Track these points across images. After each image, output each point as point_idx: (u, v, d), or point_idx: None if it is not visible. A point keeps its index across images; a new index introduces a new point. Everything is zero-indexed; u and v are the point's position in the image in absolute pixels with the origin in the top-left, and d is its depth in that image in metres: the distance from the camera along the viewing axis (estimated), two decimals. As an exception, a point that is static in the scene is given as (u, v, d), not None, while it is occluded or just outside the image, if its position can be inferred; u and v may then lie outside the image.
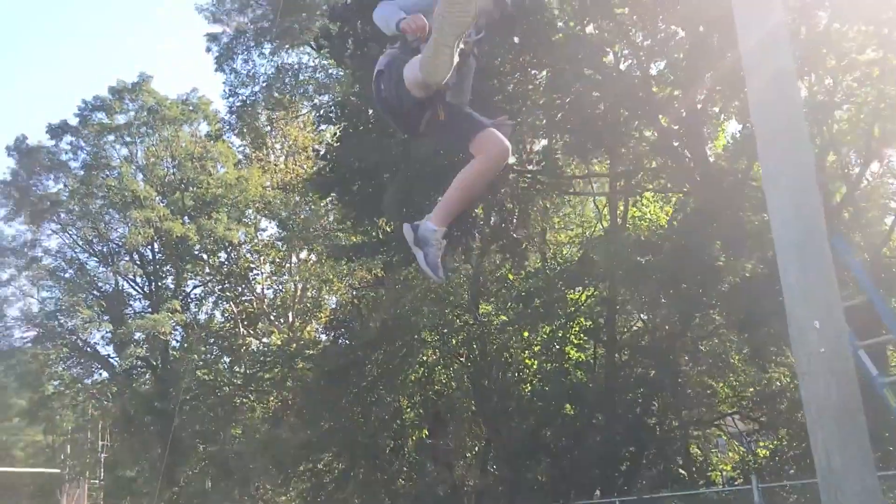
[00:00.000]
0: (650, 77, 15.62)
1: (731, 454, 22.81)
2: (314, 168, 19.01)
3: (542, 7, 12.45)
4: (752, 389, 19.21)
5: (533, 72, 14.01)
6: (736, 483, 17.11)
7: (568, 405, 17.78)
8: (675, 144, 14.71)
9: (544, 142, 15.05)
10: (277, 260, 37.78)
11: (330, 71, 24.29)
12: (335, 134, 15.87)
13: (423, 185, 13.60)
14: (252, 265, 38.44)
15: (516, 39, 13.23)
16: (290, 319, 37.64)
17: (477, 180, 4.09)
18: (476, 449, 24.18)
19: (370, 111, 13.40)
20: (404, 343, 21.07)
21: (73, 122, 36.56)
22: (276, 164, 35.49)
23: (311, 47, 23.50)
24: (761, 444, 20.51)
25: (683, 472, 19.09)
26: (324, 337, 32.43)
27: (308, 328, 36.43)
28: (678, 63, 14.92)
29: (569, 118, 13.45)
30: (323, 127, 21.60)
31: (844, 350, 5.69)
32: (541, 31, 12.98)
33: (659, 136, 14.58)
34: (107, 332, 36.47)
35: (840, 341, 5.66)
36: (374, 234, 16.43)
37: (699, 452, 21.30)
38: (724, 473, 21.25)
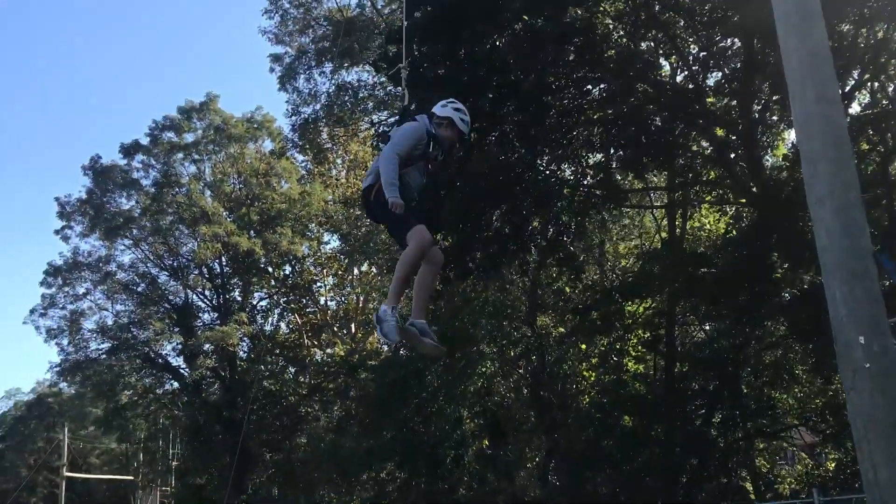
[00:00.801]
0: (705, 88, 15.63)
1: (798, 467, 22.43)
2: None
3: (594, 26, 12.64)
4: (817, 401, 18.90)
5: (587, 87, 14.18)
6: (800, 496, 16.87)
7: (626, 417, 17.80)
8: (732, 156, 14.69)
9: (599, 156, 15.19)
10: (340, 272, 38.53)
11: (388, 88, 24.80)
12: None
13: (478, 202, 13.91)
14: (315, 277, 39.35)
15: (571, 57, 13.45)
16: (353, 330, 38.37)
17: (408, 265, 5.51)
18: (536, 459, 24.31)
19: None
20: (463, 355, 21.36)
21: (145, 141, 38.13)
22: (337, 179, 36.26)
23: (370, 65, 24.13)
24: (832, 455, 20.13)
25: (746, 484, 18.91)
26: (385, 348, 33.04)
27: (371, 339, 37.08)
28: (734, 74, 14.93)
29: (624, 132, 13.57)
30: (381, 145, 22.02)
31: (890, 366, 5.76)
32: (595, 46, 13.17)
33: (714, 148, 14.58)
34: (177, 344, 37.77)
35: (886, 357, 5.73)
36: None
37: (765, 464, 21.03)
38: (791, 486, 20.93)
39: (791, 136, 16.36)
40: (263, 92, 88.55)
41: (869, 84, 15.32)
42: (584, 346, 19.15)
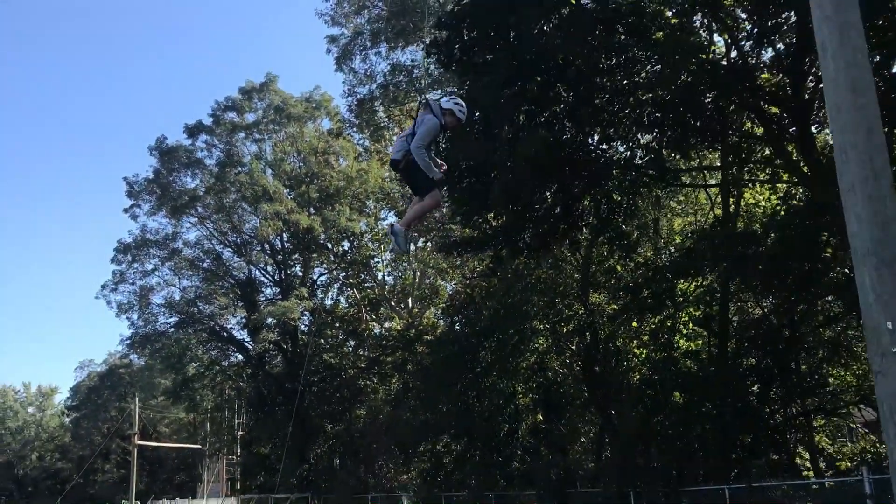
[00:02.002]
0: (758, 65, 15.47)
1: (861, 443, 22.21)
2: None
3: (643, 7, 12.66)
4: (875, 378, 18.63)
5: (636, 68, 14.21)
6: (853, 474, 16.83)
7: (677, 393, 17.95)
8: (784, 135, 14.58)
9: (649, 136, 15.24)
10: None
11: (441, 71, 25.04)
12: (444, 136, 16.48)
13: (527, 182, 14.15)
14: (373, 253, 40.08)
15: (623, 38, 13.50)
16: (410, 305, 39.03)
17: (424, 212, 8.05)
18: (591, 434, 24.59)
19: (476, 113, 14.08)
20: (516, 331, 21.70)
21: (208, 121, 39.21)
22: (393, 156, 36.69)
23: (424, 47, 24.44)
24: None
25: (799, 461, 18.89)
26: (441, 322, 33.57)
27: (427, 313, 37.68)
28: (788, 50, 14.75)
29: (674, 113, 13.61)
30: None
31: (917, 351, 5.92)
32: (644, 28, 13.20)
33: (765, 127, 14.49)
34: (241, 318, 39.05)
35: (913, 342, 5.89)
36: (483, 227, 17.09)
37: (827, 441, 20.93)
38: (848, 464, 20.80)
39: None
40: (322, 71, 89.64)
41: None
42: (635, 324, 19.30)
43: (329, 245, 40.53)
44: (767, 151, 15.49)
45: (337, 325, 40.32)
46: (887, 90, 14.20)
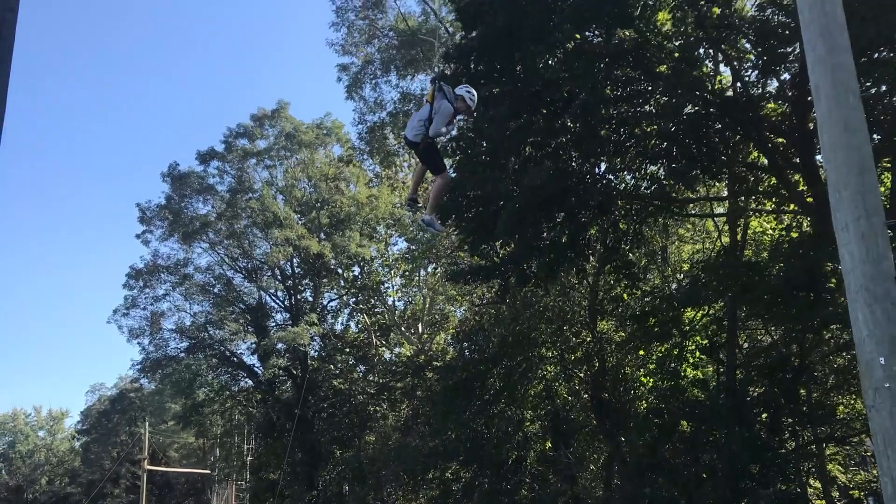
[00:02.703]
0: (765, 95, 15.63)
1: (865, 474, 22.08)
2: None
3: (646, 43, 12.87)
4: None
5: (641, 100, 14.40)
6: (861, 505, 16.75)
7: (684, 422, 17.95)
8: (788, 165, 14.72)
9: (655, 167, 15.39)
10: (407, 273, 39.32)
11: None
12: (452, 165, 16.78)
13: (534, 212, 14.33)
14: (383, 279, 40.25)
15: (628, 71, 13.73)
16: (420, 330, 39.14)
17: (443, 191, 9.26)
18: (600, 462, 24.52)
19: (483, 144, 14.30)
20: (525, 358, 21.75)
21: (220, 148, 39.64)
22: (403, 182, 37.02)
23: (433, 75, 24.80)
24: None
25: (811, 491, 18.81)
26: (451, 348, 33.61)
27: (437, 338, 37.76)
28: (793, 80, 14.93)
29: (678, 144, 13.78)
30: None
31: (909, 388, 6.03)
32: (647, 63, 13.42)
33: (769, 157, 14.64)
34: (251, 344, 39.22)
35: (905, 379, 6.00)
36: (491, 256, 17.26)
37: (838, 469, 20.82)
38: (860, 494, 20.65)
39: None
40: (333, 98, 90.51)
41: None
42: (642, 352, 19.35)
43: (339, 270, 40.76)
44: (773, 181, 15.61)
45: (347, 350, 40.41)
46: (892, 119, 14.38)
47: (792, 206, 15.41)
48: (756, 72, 15.71)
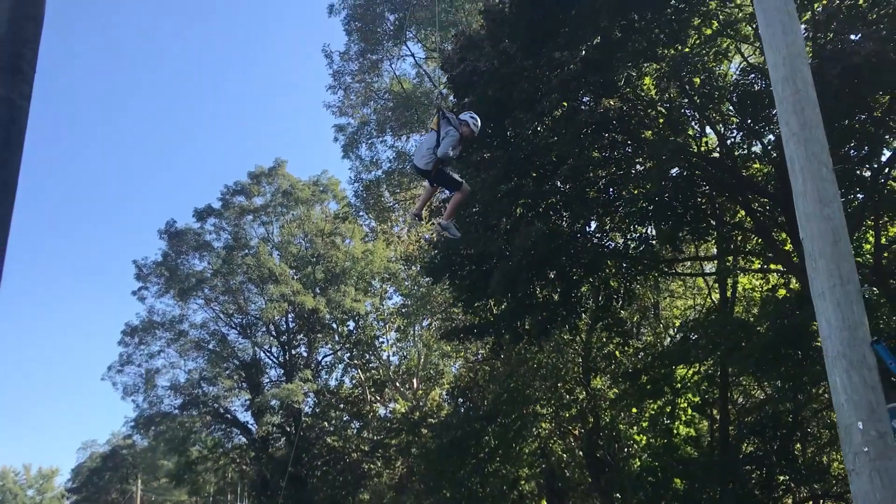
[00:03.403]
0: (746, 157, 16.02)
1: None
2: (427, 257, 20.41)
3: (631, 112, 13.31)
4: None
5: (627, 164, 14.78)
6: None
7: (678, 480, 17.95)
8: (774, 225, 15.04)
9: (643, 228, 15.71)
10: (402, 327, 39.39)
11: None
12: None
13: (524, 272, 14.59)
14: (378, 333, 40.31)
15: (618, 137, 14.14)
16: (415, 386, 39.04)
17: (460, 204, 9.64)
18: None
19: (475, 208, 14.65)
20: (519, 416, 21.78)
21: (217, 205, 40.10)
22: (399, 237, 37.33)
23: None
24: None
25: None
26: (447, 404, 33.51)
27: (432, 394, 37.65)
28: (777, 141, 15.33)
29: (664, 207, 14.11)
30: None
31: (887, 450, 6.21)
32: (633, 130, 13.84)
33: (754, 218, 14.97)
34: (245, 400, 39.04)
35: (882, 442, 6.19)
36: (484, 314, 17.48)
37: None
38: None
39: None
40: (329, 155, 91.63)
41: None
42: (634, 410, 19.43)
43: (334, 325, 40.80)
44: (759, 241, 15.92)
45: (341, 406, 40.23)
46: (873, 180, 14.75)
47: (778, 266, 15.68)
48: (740, 133, 16.16)
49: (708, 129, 17.19)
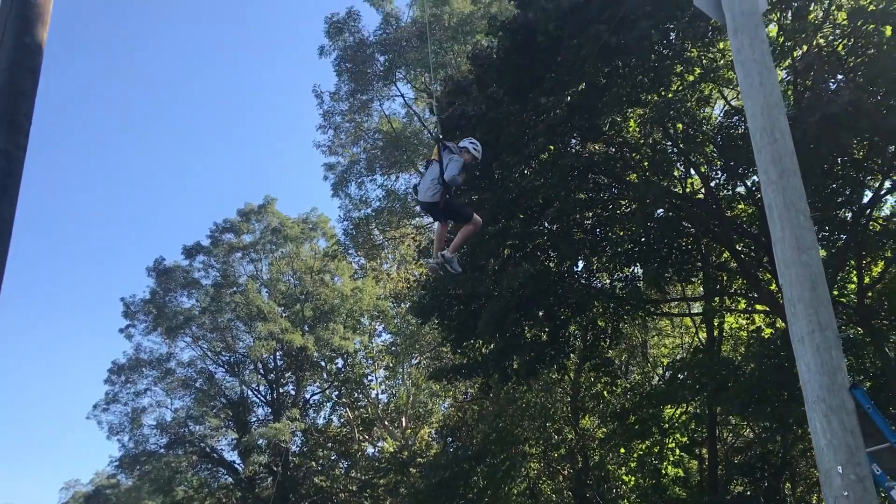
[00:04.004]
0: (731, 198, 16.27)
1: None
2: (416, 297, 20.52)
3: (615, 156, 13.58)
4: None
5: (613, 205, 15.01)
6: None
7: (666, 521, 17.92)
8: (757, 266, 15.26)
9: (629, 269, 15.90)
10: (391, 364, 39.29)
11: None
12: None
13: (512, 312, 14.72)
14: (367, 371, 40.16)
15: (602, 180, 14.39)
16: (404, 424, 38.83)
17: (468, 237, 9.04)
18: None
19: (464, 247, 14.79)
20: (508, 456, 21.72)
21: (206, 242, 40.15)
22: (388, 274, 37.39)
23: (417, 170, 25.71)
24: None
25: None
26: (435, 443, 33.32)
27: (421, 432, 37.44)
28: (759, 184, 15.57)
29: (649, 249, 14.32)
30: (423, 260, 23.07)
31: (866, 495, 6.29)
32: (617, 174, 14.10)
33: (738, 259, 15.18)
34: (232, 439, 38.71)
35: (862, 487, 6.27)
36: (473, 354, 17.55)
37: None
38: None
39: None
40: (319, 192, 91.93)
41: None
42: (622, 450, 19.43)
43: (322, 363, 40.66)
44: (741, 284, 16.12)
45: (329, 445, 39.93)
46: (854, 221, 14.99)
47: (762, 307, 15.85)
48: (724, 175, 16.43)
49: (692, 171, 17.50)
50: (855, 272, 16.10)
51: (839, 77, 13.37)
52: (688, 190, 16.30)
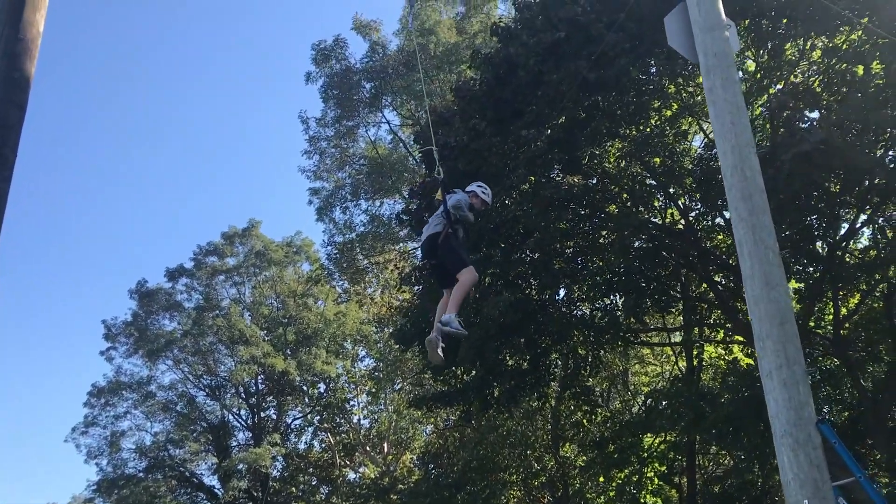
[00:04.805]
0: (710, 229, 16.50)
1: None
2: (398, 325, 20.65)
3: (595, 188, 13.82)
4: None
5: (592, 235, 15.21)
6: None
7: (645, 551, 17.97)
8: (734, 297, 15.46)
9: (608, 299, 16.08)
10: (373, 390, 39.19)
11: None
12: (413, 294, 17.38)
13: (493, 341, 14.84)
14: (349, 395, 40.02)
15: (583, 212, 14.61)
16: (385, 450, 38.68)
17: (466, 291, 7.92)
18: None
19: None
20: (488, 483, 21.71)
21: (189, 265, 40.04)
22: (372, 298, 37.38)
23: (402, 196, 25.91)
24: None
25: None
26: (417, 469, 33.20)
27: (403, 458, 37.30)
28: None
29: (627, 280, 14.51)
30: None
31: (834, 530, 6.44)
32: (596, 205, 14.33)
33: (715, 291, 15.39)
34: (212, 464, 38.40)
35: (829, 521, 6.42)
36: (453, 382, 17.61)
37: None
38: None
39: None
40: (304, 216, 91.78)
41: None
42: (601, 479, 19.49)
43: (304, 388, 40.51)
44: (719, 315, 16.33)
45: (310, 470, 39.68)
46: (830, 254, 15.23)
47: (740, 338, 16.05)
48: (703, 205, 16.66)
49: (671, 202, 17.74)
50: (831, 303, 16.33)
51: (814, 114, 13.70)
52: (667, 220, 16.55)
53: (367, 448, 39.52)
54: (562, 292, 17.16)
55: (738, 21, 12.70)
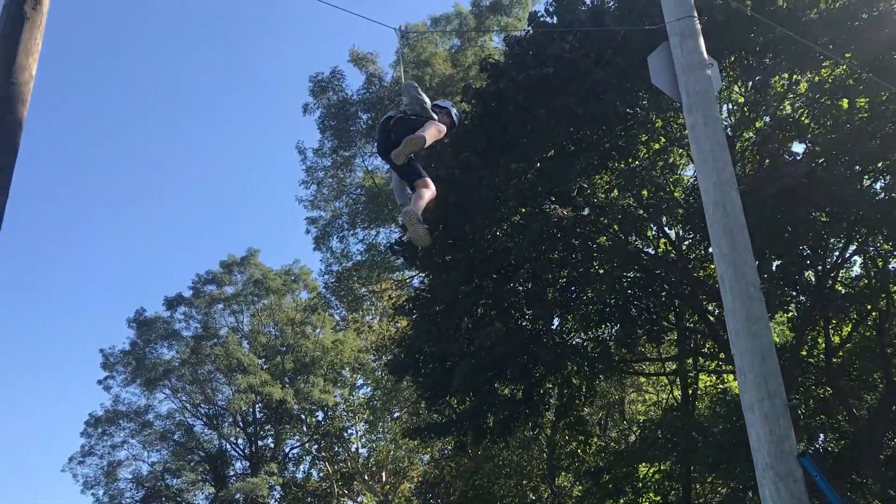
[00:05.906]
0: (703, 258, 16.61)
1: None
2: (391, 356, 20.75)
3: (584, 219, 13.96)
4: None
5: (583, 267, 15.33)
6: None
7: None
8: (724, 327, 15.49)
9: (600, 330, 16.17)
10: (371, 419, 39.07)
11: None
12: (408, 324, 17.51)
13: (485, 371, 14.92)
14: (347, 424, 39.89)
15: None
16: (384, 479, 38.48)
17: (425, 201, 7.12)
18: None
19: (437, 307, 15.08)
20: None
21: (188, 294, 40.15)
22: (370, 326, 37.38)
23: (398, 225, 26.07)
24: None
25: None
26: (415, 499, 33.04)
27: (401, 487, 37.12)
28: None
29: (619, 309, 14.62)
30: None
31: (816, 561, 6.51)
32: (586, 236, 14.46)
33: (705, 321, 15.48)
34: (209, 494, 38.20)
35: (812, 552, 6.49)
36: (447, 412, 17.66)
37: None
38: None
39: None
40: (302, 244, 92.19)
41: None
42: (597, 510, 19.44)
43: (302, 416, 40.39)
44: (710, 345, 16.40)
45: (308, 500, 39.45)
46: (820, 283, 15.32)
47: (731, 367, 16.09)
48: (695, 235, 16.78)
49: (662, 233, 17.85)
50: (822, 332, 16.38)
51: (801, 147, 13.87)
52: (659, 251, 16.66)
53: (366, 477, 39.33)
54: (555, 322, 17.25)
55: (723, 57, 12.93)
